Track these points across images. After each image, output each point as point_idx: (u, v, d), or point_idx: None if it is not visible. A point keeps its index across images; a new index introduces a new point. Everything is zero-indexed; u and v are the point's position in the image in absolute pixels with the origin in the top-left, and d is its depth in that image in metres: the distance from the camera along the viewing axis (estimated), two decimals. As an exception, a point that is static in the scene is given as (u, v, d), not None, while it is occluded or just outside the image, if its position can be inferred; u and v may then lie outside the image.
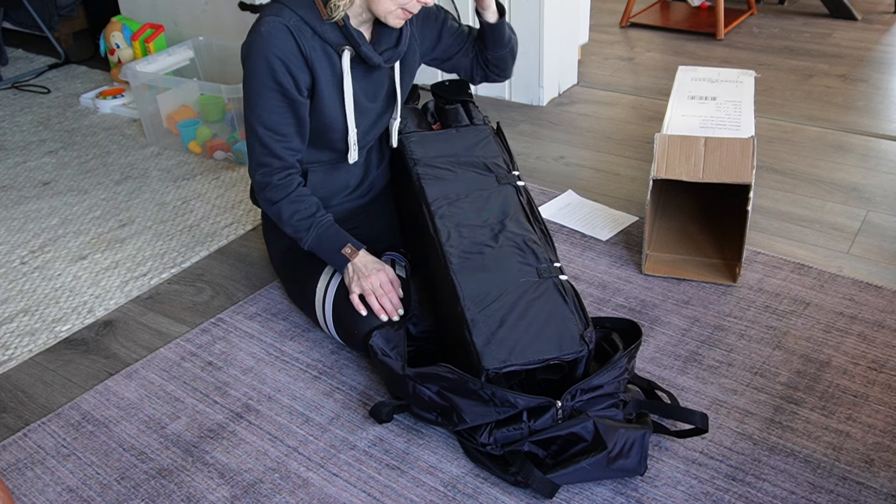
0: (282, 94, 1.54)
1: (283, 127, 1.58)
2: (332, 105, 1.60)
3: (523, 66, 2.83)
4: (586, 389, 1.38)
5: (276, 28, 1.49)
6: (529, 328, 1.42)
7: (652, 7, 3.87)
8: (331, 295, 1.65)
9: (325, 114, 1.61)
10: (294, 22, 1.50)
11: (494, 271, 1.51)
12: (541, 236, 1.59)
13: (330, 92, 1.59)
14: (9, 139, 2.84)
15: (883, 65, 3.11)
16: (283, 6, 1.52)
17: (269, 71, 1.51)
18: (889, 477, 1.36)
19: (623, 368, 1.42)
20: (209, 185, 2.44)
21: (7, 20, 3.65)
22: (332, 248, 1.62)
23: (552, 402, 1.36)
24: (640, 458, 1.35)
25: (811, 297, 1.79)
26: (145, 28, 3.10)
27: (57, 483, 1.43)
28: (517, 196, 1.66)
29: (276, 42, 1.49)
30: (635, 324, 1.56)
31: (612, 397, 1.41)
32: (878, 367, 1.59)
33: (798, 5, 3.86)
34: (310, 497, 1.38)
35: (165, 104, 2.72)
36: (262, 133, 1.57)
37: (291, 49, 1.50)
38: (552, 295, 1.47)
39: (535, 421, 1.36)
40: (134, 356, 1.75)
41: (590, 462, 1.31)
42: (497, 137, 1.79)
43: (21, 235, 2.24)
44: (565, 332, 1.42)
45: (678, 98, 2.08)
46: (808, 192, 2.22)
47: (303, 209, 1.62)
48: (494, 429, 1.38)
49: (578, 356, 1.40)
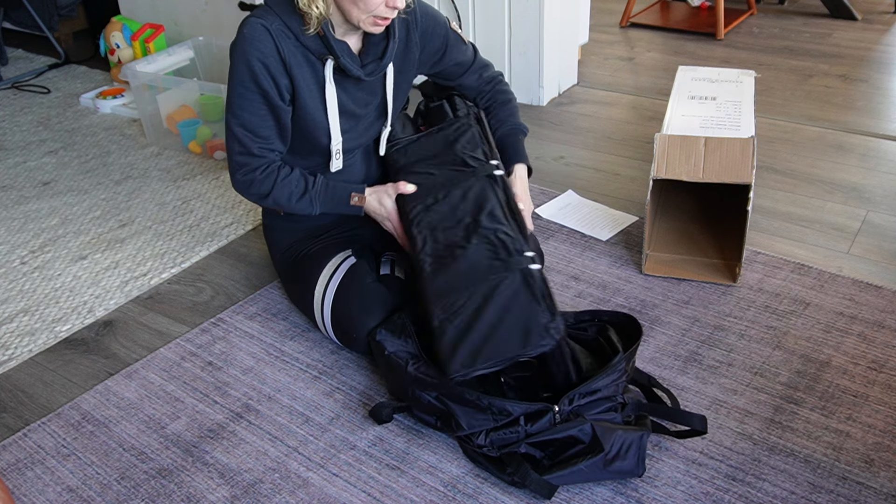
0: (261, 95, 1.54)
1: (262, 129, 1.58)
2: (315, 113, 1.60)
3: (523, 66, 2.84)
4: (584, 394, 1.38)
5: (257, 30, 1.50)
6: (495, 327, 1.39)
7: (652, 7, 3.87)
8: (329, 297, 1.65)
9: (308, 121, 1.60)
10: (276, 26, 1.50)
11: (465, 273, 1.48)
12: (514, 227, 1.54)
13: (313, 100, 1.58)
14: (9, 139, 2.84)
15: (883, 65, 3.11)
16: (269, 9, 1.52)
17: (249, 72, 1.51)
18: (889, 477, 1.36)
19: (622, 371, 1.42)
20: (209, 185, 2.44)
21: (7, 20, 3.65)
22: (343, 206, 1.66)
23: (549, 407, 1.35)
24: (637, 459, 1.34)
25: (811, 297, 1.79)
26: (145, 28, 3.10)
27: (57, 483, 1.44)
28: (493, 188, 1.60)
29: (256, 44, 1.50)
30: (634, 319, 1.54)
31: (611, 400, 1.40)
32: (878, 367, 1.59)
33: (798, 5, 3.86)
34: (310, 497, 1.38)
35: (165, 104, 2.72)
36: (241, 134, 1.57)
37: (271, 52, 1.50)
38: (519, 288, 1.42)
39: (531, 425, 1.35)
40: (134, 356, 1.75)
41: (587, 464, 1.31)
42: (479, 125, 1.75)
43: (21, 235, 2.24)
44: (532, 326, 1.37)
45: (678, 98, 2.08)
46: (808, 192, 2.22)
47: (295, 190, 1.63)
48: (491, 431, 1.37)
49: (544, 350, 1.36)
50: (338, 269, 1.67)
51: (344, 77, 1.59)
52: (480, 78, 1.82)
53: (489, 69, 1.84)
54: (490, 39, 2.84)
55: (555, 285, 1.87)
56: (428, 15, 1.68)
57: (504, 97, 1.84)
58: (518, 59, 2.84)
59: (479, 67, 1.81)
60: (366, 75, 1.57)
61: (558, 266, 1.95)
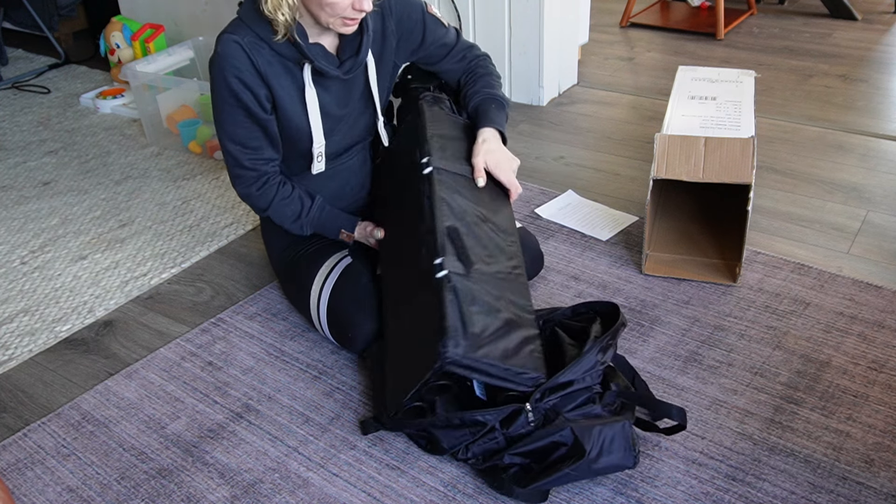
0: (243, 109, 1.56)
1: (251, 140, 1.60)
2: (297, 118, 1.61)
3: (523, 66, 2.83)
4: (554, 388, 1.34)
5: (229, 46, 1.51)
6: (409, 354, 1.40)
7: (652, 7, 3.87)
8: (325, 297, 1.65)
9: (291, 127, 1.61)
10: (248, 39, 1.51)
11: (402, 300, 1.50)
12: (429, 232, 1.46)
13: (293, 105, 1.59)
14: (9, 139, 2.84)
15: (883, 65, 3.11)
16: (241, 23, 1.53)
17: (227, 89, 1.53)
18: (889, 477, 1.36)
19: (594, 362, 1.37)
20: (209, 185, 2.44)
21: (7, 20, 3.65)
22: (333, 236, 1.72)
23: (521, 407, 1.33)
24: (624, 450, 1.31)
25: (811, 297, 1.79)
26: (145, 28, 3.10)
27: (57, 483, 1.43)
28: (420, 190, 1.54)
29: (231, 60, 1.51)
30: (615, 307, 1.50)
31: (588, 391, 1.37)
32: (878, 367, 1.59)
33: (798, 5, 3.86)
34: (310, 497, 1.38)
35: (165, 104, 2.72)
36: (232, 148, 1.61)
37: (246, 66, 1.52)
38: (428, 303, 1.38)
39: (508, 429, 1.33)
40: (134, 356, 1.75)
41: (573, 468, 1.29)
42: (420, 118, 1.67)
43: (21, 235, 2.24)
44: (432, 344, 1.32)
45: (678, 98, 2.08)
46: (808, 192, 2.22)
47: (289, 213, 1.67)
48: (471, 444, 1.36)
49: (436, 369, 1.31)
50: (334, 269, 1.68)
51: (324, 78, 1.59)
52: (464, 59, 1.79)
53: (473, 50, 1.81)
54: (490, 39, 2.84)
55: (555, 285, 1.87)
56: (402, 2, 1.67)
57: (483, 70, 1.79)
58: (518, 59, 2.84)
59: (461, 49, 1.78)
60: (343, 74, 1.58)
61: (558, 266, 1.95)
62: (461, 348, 1.29)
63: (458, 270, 1.40)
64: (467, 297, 1.37)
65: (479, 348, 1.31)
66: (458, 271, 1.40)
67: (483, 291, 1.40)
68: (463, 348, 1.29)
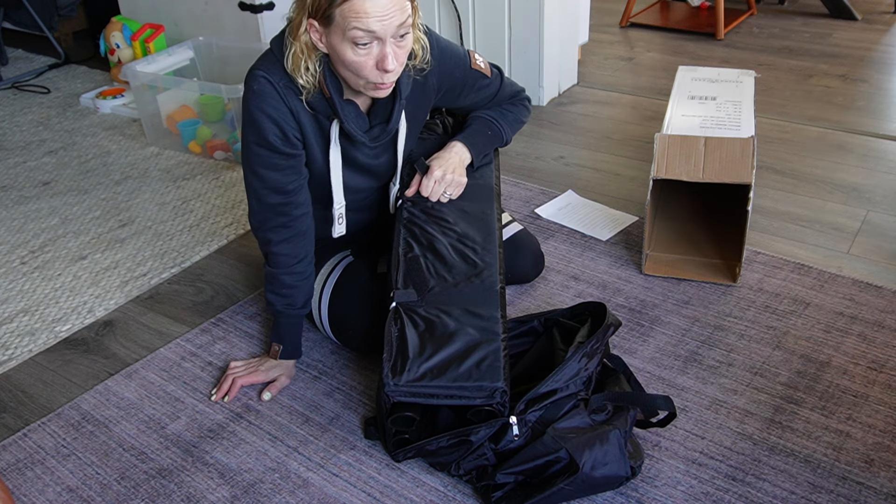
0: (273, 151, 1.46)
1: (285, 185, 1.50)
2: (320, 170, 1.54)
3: (523, 66, 2.83)
4: (536, 398, 1.32)
5: (265, 87, 1.43)
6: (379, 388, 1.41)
7: (652, 7, 3.87)
8: (326, 294, 1.65)
9: (314, 175, 1.55)
10: (283, 83, 1.43)
11: None
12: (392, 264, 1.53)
13: (319, 157, 1.53)
14: (9, 139, 2.84)
15: (883, 65, 3.11)
16: (275, 62, 1.44)
17: (259, 129, 1.44)
18: (889, 477, 1.36)
19: (577, 369, 1.34)
20: (209, 185, 2.44)
21: (7, 20, 3.65)
22: (274, 334, 1.63)
23: (506, 423, 1.30)
24: (619, 461, 1.29)
25: (811, 297, 1.79)
26: (145, 28, 3.10)
27: (57, 483, 1.44)
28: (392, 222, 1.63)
29: (267, 99, 1.43)
30: (602, 307, 1.47)
31: (573, 398, 1.34)
32: (878, 367, 1.59)
33: (798, 5, 3.86)
34: (310, 497, 1.38)
35: (165, 104, 2.72)
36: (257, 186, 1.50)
37: (280, 109, 1.44)
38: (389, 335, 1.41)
39: (496, 444, 1.31)
40: (134, 356, 1.75)
41: (567, 483, 1.26)
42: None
43: (21, 235, 2.24)
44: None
45: (678, 98, 2.08)
46: (808, 192, 2.23)
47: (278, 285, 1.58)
48: (461, 461, 1.35)
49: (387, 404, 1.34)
50: (335, 268, 1.68)
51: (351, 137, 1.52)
52: (500, 103, 1.76)
53: (512, 87, 1.77)
54: (490, 39, 2.84)
55: (555, 285, 1.87)
56: (446, 55, 1.58)
57: (509, 103, 1.76)
58: (518, 59, 2.84)
59: (502, 98, 1.74)
60: (370, 140, 1.50)
61: (558, 266, 1.95)
62: (402, 378, 1.33)
63: (410, 298, 1.46)
64: (415, 324, 1.41)
65: (423, 375, 1.33)
66: (409, 299, 1.46)
67: (436, 313, 1.43)
68: (404, 377, 1.33)
